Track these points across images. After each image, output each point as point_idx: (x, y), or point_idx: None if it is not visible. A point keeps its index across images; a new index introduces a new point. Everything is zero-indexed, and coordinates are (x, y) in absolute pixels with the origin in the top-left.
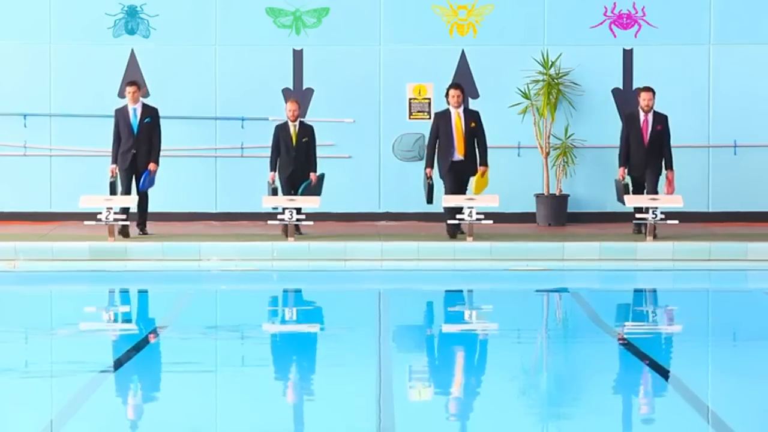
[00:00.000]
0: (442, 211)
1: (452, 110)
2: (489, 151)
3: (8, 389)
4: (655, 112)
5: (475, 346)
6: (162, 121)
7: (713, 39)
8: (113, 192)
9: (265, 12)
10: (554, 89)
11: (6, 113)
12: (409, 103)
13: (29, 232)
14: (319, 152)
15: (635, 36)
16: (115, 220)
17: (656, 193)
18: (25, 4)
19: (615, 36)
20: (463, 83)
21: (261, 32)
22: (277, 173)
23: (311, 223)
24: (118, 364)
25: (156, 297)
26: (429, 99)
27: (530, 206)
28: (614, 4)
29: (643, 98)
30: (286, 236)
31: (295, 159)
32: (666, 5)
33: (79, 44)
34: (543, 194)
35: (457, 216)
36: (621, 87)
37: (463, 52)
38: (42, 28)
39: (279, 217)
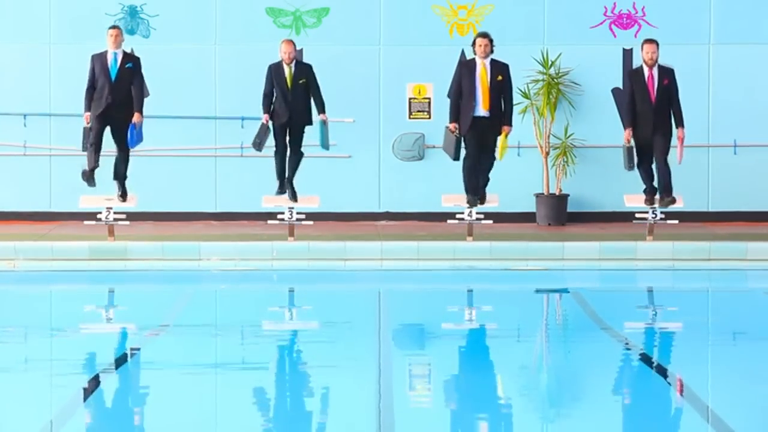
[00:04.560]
0: (442, 210)
1: (478, 60)
2: None
3: (8, 389)
4: (659, 65)
5: (475, 346)
6: (162, 121)
7: (713, 39)
8: (87, 140)
9: (265, 12)
10: (554, 89)
11: (6, 113)
12: (409, 103)
13: (29, 231)
14: (318, 151)
15: (635, 36)
16: (115, 219)
17: (665, 163)
18: (25, 4)
19: (615, 36)
20: None
21: (261, 32)
22: (270, 119)
23: (311, 222)
24: (117, 364)
25: (156, 297)
26: (429, 99)
27: (530, 206)
28: (614, 4)
29: (646, 50)
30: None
31: (292, 104)
32: (666, 5)
33: (79, 44)
34: (543, 194)
35: (457, 216)
36: (621, 87)
37: (463, 52)
38: (42, 28)
39: (279, 216)
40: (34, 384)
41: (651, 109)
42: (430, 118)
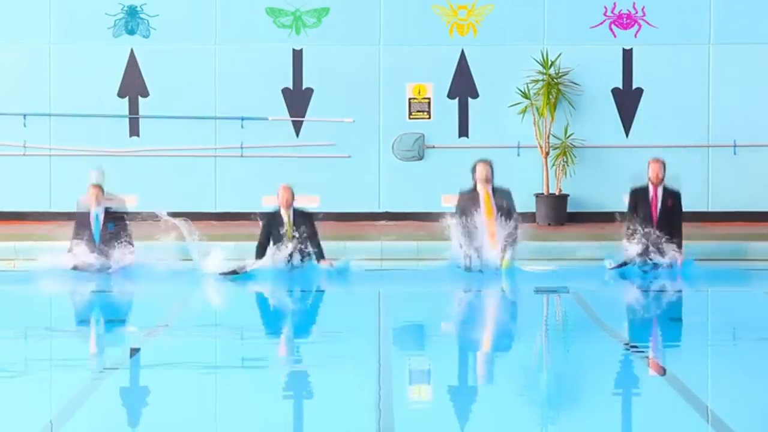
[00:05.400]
0: (442, 210)
1: (480, 188)
2: (489, 150)
3: (8, 389)
4: (665, 186)
5: (474, 346)
6: (162, 121)
7: (713, 39)
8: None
9: (265, 12)
10: (554, 89)
11: (6, 113)
12: (409, 103)
13: (29, 231)
14: (319, 152)
15: (635, 36)
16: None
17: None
18: (25, 4)
19: (615, 36)
20: (463, 83)
21: (261, 32)
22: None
23: None
24: (117, 363)
25: (156, 296)
26: (429, 99)
27: (530, 206)
28: (614, 4)
29: (652, 169)
30: None
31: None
32: (666, 5)
33: (79, 44)
34: (543, 194)
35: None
36: (621, 87)
37: (462, 52)
38: (42, 28)
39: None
40: (34, 384)
41: (652, 229)
42: (429, 118)
